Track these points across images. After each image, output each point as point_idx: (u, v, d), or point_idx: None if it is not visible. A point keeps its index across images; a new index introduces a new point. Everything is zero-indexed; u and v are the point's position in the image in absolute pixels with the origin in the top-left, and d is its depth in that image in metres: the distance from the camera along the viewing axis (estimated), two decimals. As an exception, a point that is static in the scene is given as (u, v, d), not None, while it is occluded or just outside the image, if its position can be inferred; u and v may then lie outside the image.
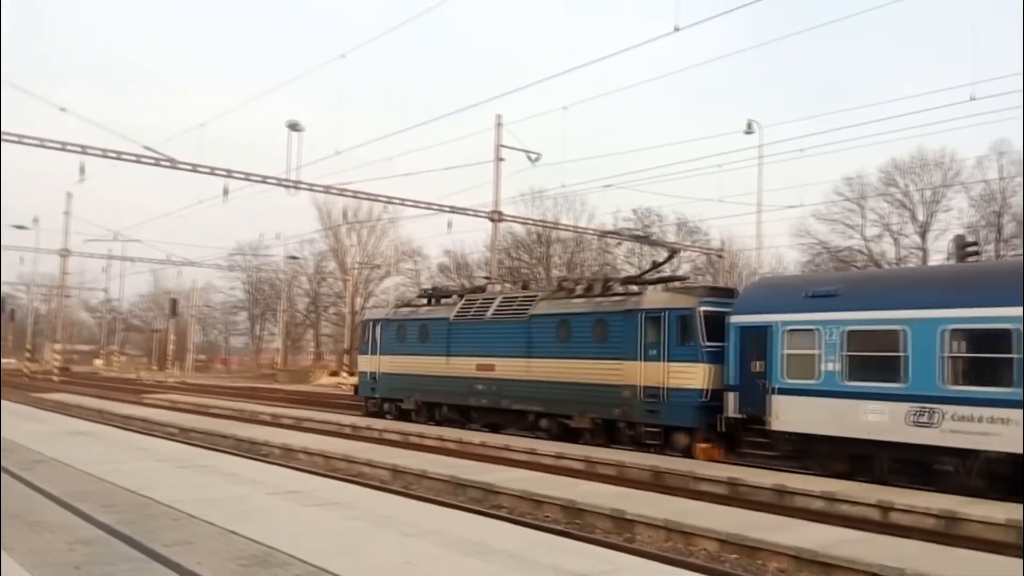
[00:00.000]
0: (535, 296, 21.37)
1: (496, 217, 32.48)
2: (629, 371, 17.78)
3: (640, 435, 17.58)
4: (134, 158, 26.50)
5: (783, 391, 14.89)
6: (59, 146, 25.58)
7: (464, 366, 22.23)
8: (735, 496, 13.20)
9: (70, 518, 8.37)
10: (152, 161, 26.67)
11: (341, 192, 32.08)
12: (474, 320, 22.37)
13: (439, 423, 22.93)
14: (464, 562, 7.02)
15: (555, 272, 51.60)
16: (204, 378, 63.97)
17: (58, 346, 63.36)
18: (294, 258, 65.31)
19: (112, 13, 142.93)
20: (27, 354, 66.46)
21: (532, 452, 17.53)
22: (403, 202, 32.52)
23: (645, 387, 17.44)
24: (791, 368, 14.83)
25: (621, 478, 14.83)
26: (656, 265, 23.25)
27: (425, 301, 25.77)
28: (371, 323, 26.83)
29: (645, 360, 17.51)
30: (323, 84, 76.21)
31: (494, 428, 21.89)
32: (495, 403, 21.32)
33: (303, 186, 29.31)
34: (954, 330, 12.81)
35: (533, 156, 31.20)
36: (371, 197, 32.83)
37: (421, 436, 20.44)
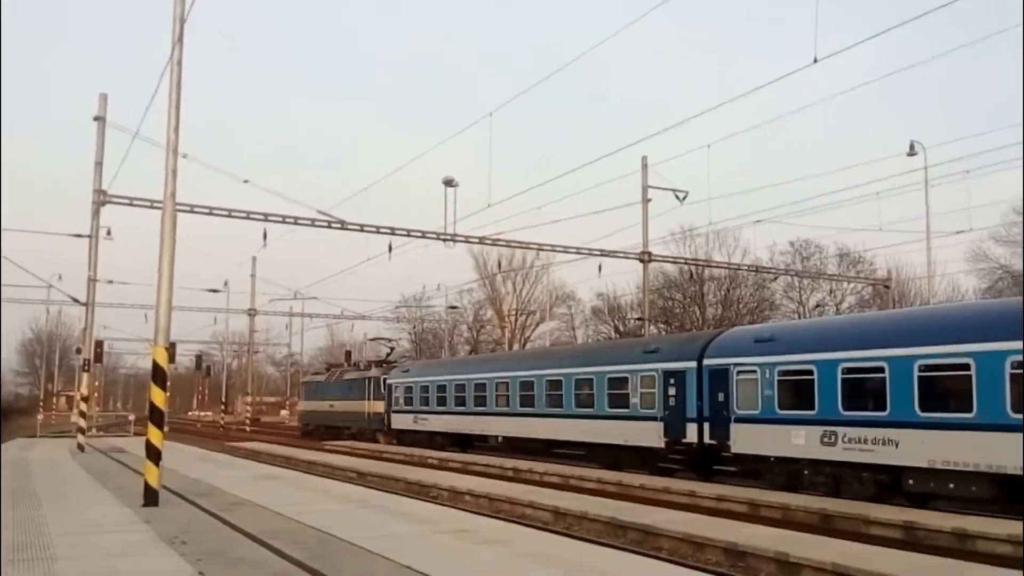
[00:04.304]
0: (347, 370, 44.64)
1: (646, 258, 32.58)
2: (363, 406, 39.53)
3: (369, 435, 38.43)
4: (309, 222, 28.85)
5: (394, 412, 36.16)
6: (244, 215, 28.29)
7: (326, 406, 45.32)
8: (911, 540, 12.57)
9: (265, 554, 9.14)
10: (325, 224, 28.94)
11: (495, 242, 33.34)
12: (328, 383, 45.74)
13: (321, 438, 42.41)
14: (622, 599, 7.23)
15: (710, 310, 50.64)
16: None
17: (248, 399, 68.53)
18: (454, 307, 67.67)
19: (284, 94, 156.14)
20: (222, 406, 72.50)
21: (691, 494, 17.40)
22: (554, 248, 33.38)
23: (367, 412, 39.17)
24: (395, 402, 36.08)
25: (786, 520, 14.46)
26: (387, 355, 47.24)
27: (326, 370, 49.16)
28: (302, 383, 53.99)
29: (367, 400, 39.13)
30: (474, 141, 79.46)
31: (339, 437, 41.27)
32: (334, 424, 43.24)
33: (459, 239, 30.80)
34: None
35: (680, 195, 31.18)
36: (523, 245, 33.97)
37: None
